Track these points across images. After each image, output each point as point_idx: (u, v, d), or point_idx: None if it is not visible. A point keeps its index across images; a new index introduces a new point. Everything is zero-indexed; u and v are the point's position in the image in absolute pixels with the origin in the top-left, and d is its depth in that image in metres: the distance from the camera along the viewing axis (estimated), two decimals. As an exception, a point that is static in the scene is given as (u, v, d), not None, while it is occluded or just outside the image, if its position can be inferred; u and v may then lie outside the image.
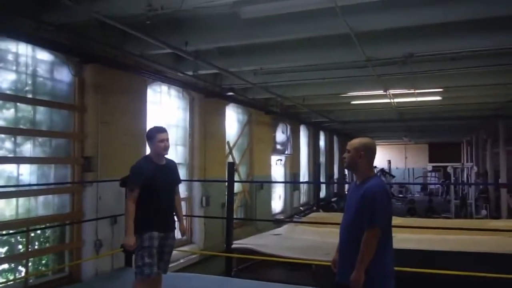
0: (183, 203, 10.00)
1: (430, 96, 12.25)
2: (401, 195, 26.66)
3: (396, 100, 12.70)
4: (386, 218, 3.28)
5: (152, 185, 4.37)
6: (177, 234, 5.03)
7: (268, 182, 14.26)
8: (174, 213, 4.78)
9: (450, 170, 19.31)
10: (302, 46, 7.67)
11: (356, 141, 3.45)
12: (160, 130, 4.56)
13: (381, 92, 11.08)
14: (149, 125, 8.49)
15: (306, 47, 7.68)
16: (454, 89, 11.29)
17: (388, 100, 12.65)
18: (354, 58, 7.75)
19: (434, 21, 6.31)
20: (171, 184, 4.64)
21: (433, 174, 30.34)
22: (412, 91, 11.07)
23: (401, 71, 8.59)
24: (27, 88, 6.41)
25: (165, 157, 4.62)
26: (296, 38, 7.28)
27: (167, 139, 4.52)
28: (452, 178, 21.60)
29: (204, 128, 10.56)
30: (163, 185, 4.46)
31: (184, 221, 5.02)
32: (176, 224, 4.83)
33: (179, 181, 4.93)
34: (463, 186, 19.05)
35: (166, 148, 4.51)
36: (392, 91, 11.26)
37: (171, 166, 4.72)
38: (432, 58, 8.28)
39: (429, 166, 29.67)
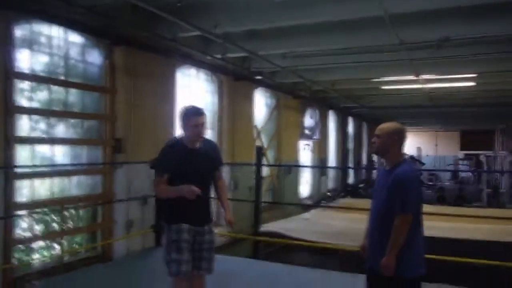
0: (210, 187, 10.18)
1: (464, 81, 11.91)
2: (430, 183, 26.20)
3: (428, 85, 12.41)
4: (418, 203, 3.22)
5: (181, 172, 3.80)
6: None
7: (295, 166, 14.22)
8: (208, 206, 4.07)
9: (482, 158, 18.82)
10: (333, 29, 7.52)
11: (386, 126, 3.37)
12: (196, 112, 3.86)
13: (412, 77, 10.84)
14: (178, 108, 8.60)
15: (337, 30, 7.52)
16: (489, 74, 10.95)
17: (419, 86, 12.38)
18: (387, 41, 7.58)
19: (471, 3, 6.11)
20: (206, 170, 3.97)
21: (465, 162, 29.67)
22: (445, 76, 10.78)
23: (435, 55, 8.36)
24: (59, 70, 6.53)
25: (204, 139, 3.98)
26: (327, 21, 7.15)
27: (203, 123, 3.87)
28: (485, 167, 21.09)
29: (233, 111, 10.57)
30: (194, 173, 3.84)
31: (230, 211, 4.16)
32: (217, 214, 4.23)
33: (219, 164, 4.19)
34: (495, 174, 18.56)
35: (200, 134, 3.86)
36: (424, 76, 11.00)
37: (208, 149, 4.00)
38: (467, 42, 8.01)
39: (461, 154, 29.01)
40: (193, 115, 3.83)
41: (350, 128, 22.61)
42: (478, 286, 5.09)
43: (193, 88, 9.63)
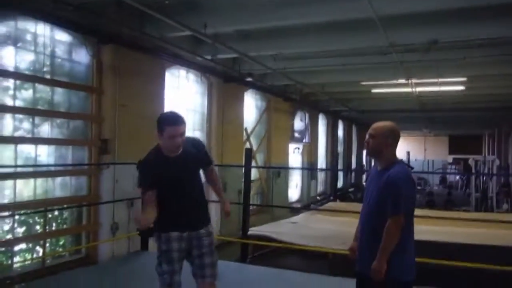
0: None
1: (453, 85, 11.94)
2: (419, 187, 26.30)
3: (418, 89, 12.44)
4: (410, 205, 3.13)
5: (163, 182, 3.47)
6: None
7: (285, 168, 14.17)
8: (201, 208, 3.76)
9: (471, 162, 18.90)
10: (324, 31, 7.50)
11: (381, 125, 3.25)
12: (173, 121, 3.42)
13: (403, 80, 10.84)
14: (167, 109, 8.48)
15: (328, 31, 7.50)
16: (478, 78, 11.01)
17: (409, 89, 12.39)
18: (377, 43, 7.57)
19: (461, 5, 6.09)
20: (190, 175, 3.63)
21: (453, 166, 29.84)
22: (435, 80, 10.80)
23: (425, 58, 8.36)
24: (45, 69, 6.40)
25: (179, 150, 3.56)
26: (318, 22, 7.12)
27: (181, 134, 3.42)
28: (473, 171, 21.20)
29: (222, 113, 10.48)
30: (177, 180, 3.54)
31: (227, 202, 3.95)
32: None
33: (206, 161, 3.83)
34: (484, 177, 18.64)
35: (177, 146, 3.46)
36: (414, 80, 11.02)
37: (190, 151, 3.62)
38: (457, 45, 8.03)
39: (449, 158, 29.17)
40: (169, 124, 3.39)
41: (340, 131, 22.63)
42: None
43: (182, 89, 9.52)
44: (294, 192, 16.05)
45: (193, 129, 9.83)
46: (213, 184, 3.98)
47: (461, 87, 12.15)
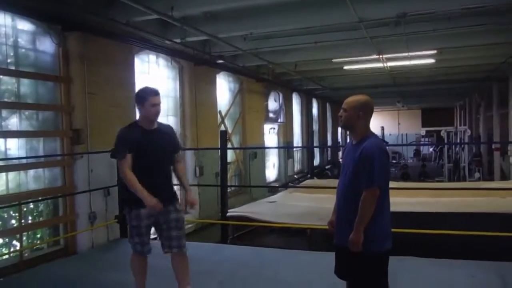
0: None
1: (424, 59, 12.10)
2: (394, 161, 26.77)
3: (389, 64, 12.57)
4: (385, 177, 3.18)
5: (139, 153, 3.79)
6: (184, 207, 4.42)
7: (260, 148, 14.23)
8: (174, 184, 4.09)
9: (443, 134, 19.27)
10: (293, 9, 7.47)
11: (353, 99, 3.29)
12: (153, 92, 3.91)
13: (374, 56, 10.92)
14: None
15: (297, 9, 7.48)
16: (448, 50, 11.16)
17: (381, 65, 12.51)
18: (346, 19, 7.58)
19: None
20: (164, 151, 3.94)
21: (427, 139, 30.42)
22: (405, 54, 10.91)
23: (394, 32, 8.43)
24: (9, 60, 6.22)
25: (157, 122, 4.00)
26: (286, 0, 7.06)
27: (159, 103, 3.92)
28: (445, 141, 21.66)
29: (195, 97, 10.40)
30: (153, 153, 3.85)
31: (192, 193, 4.17)
32: (180, 195, 4.24)
33: (177, 147, 4.18)
34: (456, 148, 19.07)
35: (157, 113, 3.90)
36: (385, 56, 11.10)
37: (165, 131, 4.03)
38: (426, 18, 8.07)
39: (422, 131, 29.69)
40: (150, 94, 3.86)
41: (315, 110, 22.76)
42: (441, 256, 5.19)
43: (153, 75, 9.39)
44: (271, 172, 16.15)
45: (166, 114, 9.74)
46: (178, 174, 4.14)
47: (431, 60, 12.33)
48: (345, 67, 13.41)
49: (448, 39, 9.64)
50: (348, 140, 3.44)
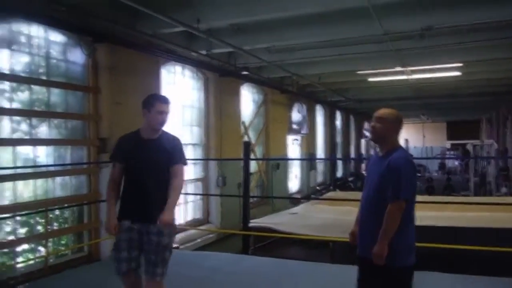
0: (199, 184, 10.18)
1: (449, 71, 11.96)
2: (419, 174, 26.37)
3: (414, 76, 12.45)
4: (412, 190, 3.17)
5: (129, 162, 3.65)
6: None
7: (283, 160, 14.21)
8: (157, 201, 3.60)
9: (469, 147, 18.96)
10: (318, 21, 7.50)
11: (386, 111, 3.32)
12: (163, 99, 3.73)
13: (398, 68, 10.86)
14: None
15: (321, 22, 7.51)
16: (474, 63, 11.00)
17: (405, 77, 12.41)
18: (371, 32, 7.56)
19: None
20: (157, 163, 3.62)
21: (452, 152, 29.92)
22: (430, 66, 10.81)
23: (419, 45, 8.38)
24: (41, 70, 6.40)
25: (163, 131, 3.76)
26: (311, 13, 7.12)
27: (167, 113, 3.68)
28: (471, 155, 21.29)
29: (219, 108, 10.50)
30: (141, 164, 3.60)
31: (170, 213, 3.59)
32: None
33: (174, 160, 3.70)
34: (482, 162, 18.71)
35: (163, 122, 3.67)
36: (410, 68, 11.03)
37: (164, 142, 3.71)
38: (451, 31, 8.02)
39: (448, 144, 29.21)
40: (159, 101, 3.70)
41: (338, 121, 22.64)
42: (466, 272, 5.10)
43: (179, 85, 9.53)
44: (293, 183, 16.10)
45: (190, 124, 9.87)
46: (170, 189, 3.66)
47: (457, 73, 12.16)
48: (370, 79, 13.35)
49: (474, 52, 9.52)
50: (372, 152, 3.46)
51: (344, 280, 4.18)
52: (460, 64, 11.04)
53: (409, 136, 31.31)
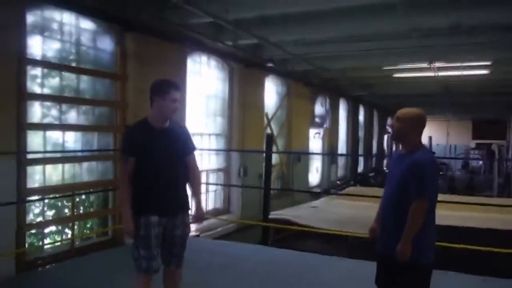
0: (220, 174, 10.30)
1: (477, 69, 11.77)
2: (441, 173, 26.03)
3: (440, 73, 12.28)
4: (434, 189, 3.19)
5: (146, 154, 3.39)
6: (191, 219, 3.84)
7: (305, 154, 14.23)
8: (183, 192, 3.61)
9: (494, 147, 18.64)
10: (345, 15, 7.44)
11: (408, 111, 3.32)
12: (176, 86, 3.50)
13: (425, 65, 10.73)
14: (189, 96, 8.60)
15: (349, 16, 7.45)
16: (503, 62, 10.79)
17: (432, 74, 12.25)
18: (399, 28, 7.51)
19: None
20: (175, 152, 3.51)
21: (476, 151, 29.40)
22: (458, 64, 10.66)
23: (447, 42, 8.27)
24: (71, 57, 6.55)
25: (171, 120, 3.58)
26: (339, 6, 7.08)
27: (180, 100, 3.53)
28: (497, 157, 20.91)
29: (243, 99, 10.57)
30: (161, 154, 3.43)
31: (202, 205, 3.71)
32: (192, 205, 3.75)
33: (190, 149, 3.64)
34: (507, 164, 18.39)
35: (175, 111, 3.50)
36: (437, 64, 10.89)
37: (177, 131, 3.58)
38: (481, 28, 7.87)
39: (472, 143, 28.71)
40: (173, 88, 3.47)
41: (361, 116, 22.48)
42: (483, 273, 5.08)
43: (204, 75, 9.62)
44: (314, 177, 16.11)
45: (214, 114, 9.97)
46: (192, 182, 3.67)
47: (485, 71, 11.96)
48: (395, 75, 13.22)
49: (503, 50, 9.33)
50: (394, 149, 3.48)
51: (363, 275, 4.23)
52: (489, 63, 10.85)
53: (433, 133, 30.83)
